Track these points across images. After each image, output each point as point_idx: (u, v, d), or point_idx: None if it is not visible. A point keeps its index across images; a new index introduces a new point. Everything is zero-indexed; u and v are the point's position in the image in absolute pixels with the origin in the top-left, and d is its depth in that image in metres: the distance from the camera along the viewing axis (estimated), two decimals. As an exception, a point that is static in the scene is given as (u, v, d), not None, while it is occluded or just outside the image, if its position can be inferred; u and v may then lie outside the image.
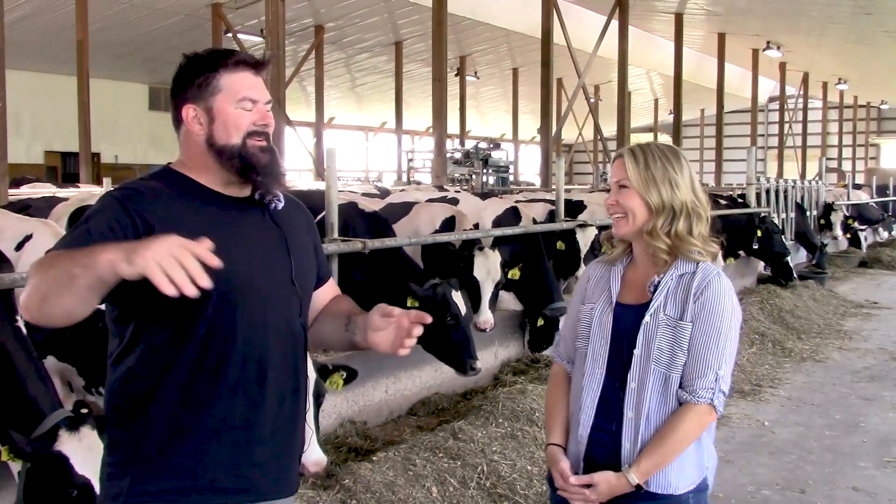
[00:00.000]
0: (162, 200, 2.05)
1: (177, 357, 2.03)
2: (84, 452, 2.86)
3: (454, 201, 9.04)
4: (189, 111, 2.11)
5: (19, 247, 4.53)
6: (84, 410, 3.01)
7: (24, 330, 3.45)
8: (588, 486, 2.33)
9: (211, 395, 2.04)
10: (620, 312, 2.41)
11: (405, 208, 7.83)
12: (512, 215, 8.26)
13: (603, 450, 2.37)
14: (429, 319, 2.08)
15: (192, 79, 2.11)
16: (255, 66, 2.14)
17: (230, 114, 2.09)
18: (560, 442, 2.47)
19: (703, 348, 2.30)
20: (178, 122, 2.15)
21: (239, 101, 2.10)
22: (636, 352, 2.34)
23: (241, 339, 2.06)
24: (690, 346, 2.30)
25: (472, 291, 6.59)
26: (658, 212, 2.34)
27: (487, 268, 6.70)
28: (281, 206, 2.19)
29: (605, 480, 2.31)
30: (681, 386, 2.32)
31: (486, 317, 6.65)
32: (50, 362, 4.19)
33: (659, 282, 2.37)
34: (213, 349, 2.04)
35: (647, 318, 2.34)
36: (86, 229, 1.96)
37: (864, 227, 18.21)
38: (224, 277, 1.98)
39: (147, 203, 2.02)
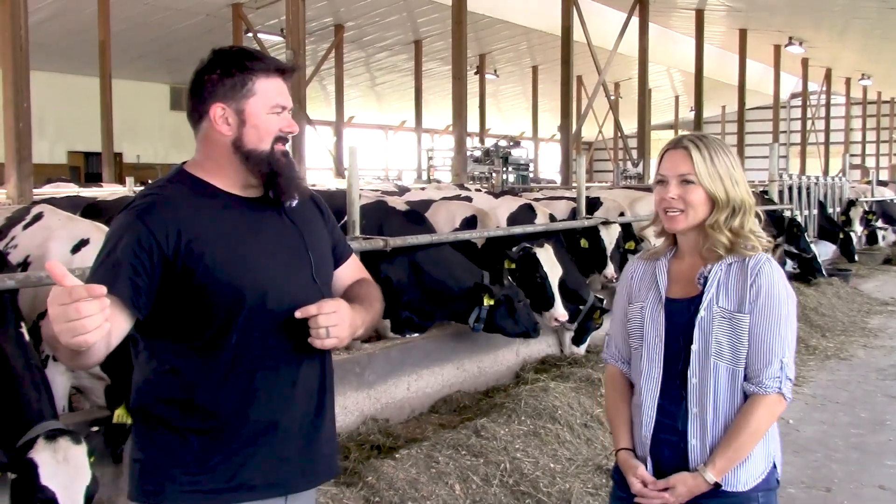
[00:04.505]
0: (183, 208, 2.04)
1: (208, 363, 2.04)
2: (55, 465, 2.79)
3: (468, 200, 8.89)
4: (217, 110, 2.07)
5: (75, 250, 4.35)
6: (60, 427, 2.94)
7: (26, 336, 3.38)
8: (665, 489, 2.29)
9: (247, 399, 2.06)
10: (671, 308, 2.36)
11: (424, 206, 7.74)
12: (527, 211, 8.22)
13: (669, 449, 2.34)
14: None
15: (223, 77, 2.07)
16: (286, 72, 2.15)
17: (263, 119, 2.09)
18: (629, 445, 2.43)
19: (766, 337, 2.24)
20: (198, 118, 2.11)
21: (272, 106, 2.09)
22: (694, 347, 2.29)
23: (273, 343, 2.07)
24: (752, 337, 2.25)
25: (533, 289, 6.58)
26: (722, 207, 2.29)
27: (552, 263, 6.70)
28: (295, 203, 2.18)
29: (682, 482, 2.27)
30: (746, 378, 2.27)
31: (563, 309, 6.66)
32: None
33: (708, 273, 2.32)
34: (245, 354, 2.05)
35: (701, 312, 2.29)
36: (115, 260, 1.94)
37: (886, 227, 17.96)
38: (253, 283, 2.03)
39: (170, 214, 2.01)
